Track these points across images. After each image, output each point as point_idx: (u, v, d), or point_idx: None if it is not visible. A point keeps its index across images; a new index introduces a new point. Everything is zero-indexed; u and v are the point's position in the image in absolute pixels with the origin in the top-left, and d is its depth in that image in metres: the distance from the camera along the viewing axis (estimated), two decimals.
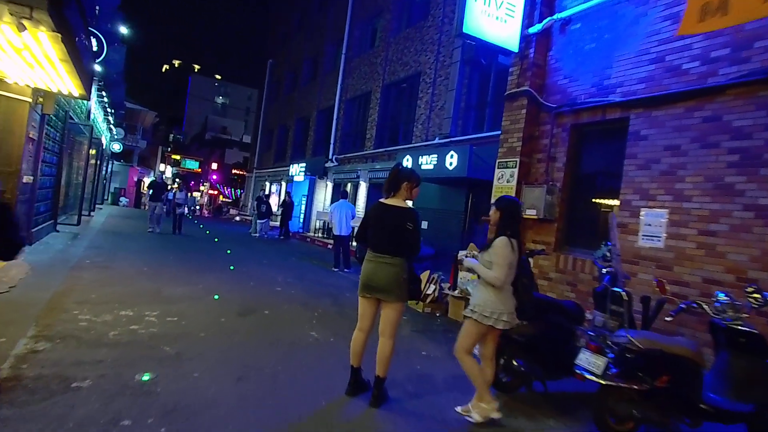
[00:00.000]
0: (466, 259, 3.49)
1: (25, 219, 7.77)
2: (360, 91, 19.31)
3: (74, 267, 6.79)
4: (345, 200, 10.57)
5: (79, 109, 12.67)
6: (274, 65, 32.09)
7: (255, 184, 31.98)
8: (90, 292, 5.35)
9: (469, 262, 3.41)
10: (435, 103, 14.34)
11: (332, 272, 10.00)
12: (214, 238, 14.66)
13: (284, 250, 13.78)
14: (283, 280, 8.06)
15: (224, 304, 5.77)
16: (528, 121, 6.48)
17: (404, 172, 3.52)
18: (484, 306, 3.17)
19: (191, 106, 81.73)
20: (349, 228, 10.31)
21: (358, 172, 18.06)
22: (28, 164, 7.42)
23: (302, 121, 25.67)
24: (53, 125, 9.19)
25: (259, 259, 10.70)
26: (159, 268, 7.69)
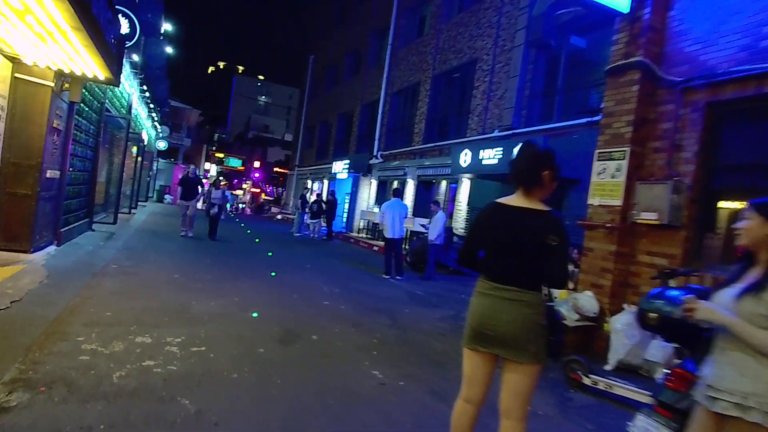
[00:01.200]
0: (706, 307, 1.85)
1: (52, 217, 7.07)
2: (407, 83, 18.14)
3: (97, 273, 5.97)
4: (398, 199, 9.42)
5: (118, 102, 12.14)
6: (315, 61, 31.42)
7: (297, 182, 31.43)
8: (105, 308, 4.44)
9: (720, 314, 1.81)
10: (493, 93, 12.97)
11: (383, 280, 8.89)
12: (255, 238, 13.88)
13: (327, 252, 12.81)
14: (329, 291, 7.01)
15: (263, 324, 4.74)
16: (641, 100, 5.11)
17: (545, 155, 2.30)
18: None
19: (235, 106, 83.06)
20: (402, 230, 9.16)
21: (406, 169, 16.91)
22: (53, 158, 6.69)
23: (345, 117, 24.77)
24: (86, 116, 8.52)
25: (302, 263, 9.73)
26: (192, 274, 6.81)
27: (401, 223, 9.12)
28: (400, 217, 9.12)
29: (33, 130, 6.06)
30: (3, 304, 4.08)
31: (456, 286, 9.26)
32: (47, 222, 6.84)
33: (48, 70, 6.01)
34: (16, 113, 5.91)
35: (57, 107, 6.52)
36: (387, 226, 9.09)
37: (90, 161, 9.38)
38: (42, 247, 6.69)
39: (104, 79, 6.34)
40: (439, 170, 14.90)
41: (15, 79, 5.85)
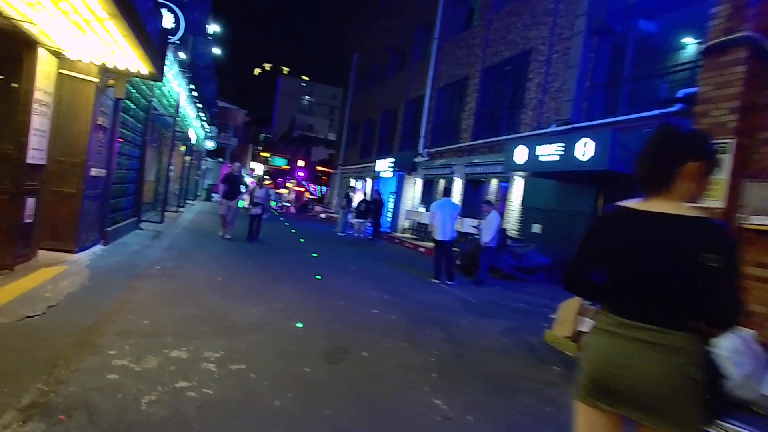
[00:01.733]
0: None
1: (98, 217, 6.98)
2: (454, 77, 17.46)
3: (140, 275, 5.76)
4: (448, 199, 8.83)
5: (166, 101, 12.19)
6: (359, 59, 31.16)
7: (340, 180, 31.32)
8: (143, 315, 4.15)
9: None
10: (550, 85, 12.12)
11: (433, 285, 8.34)
12: (300, 237, 13.65)
13: (373, 253, 12.38)
14: (378, 297, 6.53)
15: (308, 336, 4.32)
16: (748, 82, 4.31)
17: (692, 138, 1.66)
18: None
19: (280, 106, 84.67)
20: (453, 232, 8.56)
21: (453, 167, 16.25)
22: (99, 155, 6.57)
23: (389, 114, 24.33)
24: (133, 114, 8.46)
25: (347, 265, 9.32)
26: (235, 276, 6.52)
27: (452, 224, 8.53)
28: (451, 217, 8.53)
29: (77, 127, 5.93)
30: (39, 309, 3.85)
31: (511, 292, 8.58)
32: (93, 221, 6.74)
33: (92, 66, 5.86)
34: (61, 110, 5.79)
35: (102, 104, 6.39)
36: (437, 228, 8.52)
37: (137, 159, 9.36)
38: (88, 247, 6.59)
39: (147, 74, 6.13)
40: (489, 168, 14.16)
41: (60, 75, 5.71)
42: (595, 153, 8.05)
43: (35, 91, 5.15)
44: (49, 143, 5.66)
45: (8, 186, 5.02)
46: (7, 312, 3.65)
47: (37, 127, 5.31)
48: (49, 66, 5.45)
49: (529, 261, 10.32)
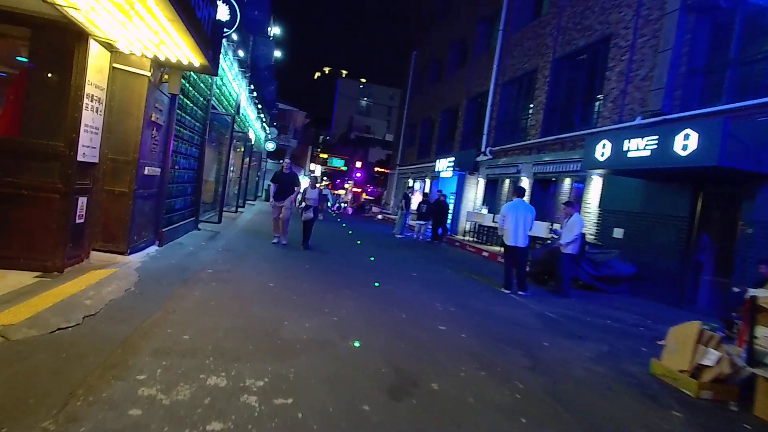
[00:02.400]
0: None
1: (152, 217, 6.78)
2: (521, 70, 16.34)
3: (189, 279, 5.40)
4: (522, 200, 7.92)
5: (226, 101, 12.12)
6: (418, 57, 30.48)
7: (397, 181, 30.79)
8: (185, 328, 3.70)
9: None
10: (634, 73, 10.83)
11: (503, 296, 7.48)
12: (357, 240, 13.17)
13: (433, 257, 11.64)
14: (443, 309, 5.81)
15: (367, 359, 3.69)
16: None
17: None
18: None
19: (338, 108, 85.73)
20: (526, 237, 7.65)
21: (519, 166, 15.17)
22: (153, 154, 6.34)
23: (449, 113, 23.46)
24: (190, 113, 8.28)
25: (407, 271, 8.66)
26: (289, 282, 6.04)
27: (526, 229, 7.62)
28: (525, 221, 7.63)
29: (129, 123, 5.69)
30: (74, 319, 3.50)
31: (593, 306, 7.55)
32: (147, 222, 6.53)
33: (144, 59, 5.59)
34: (113, 106, 5.56)
35: (156, 100, 6.14)
36: (508, 232, 7.65)
37: (195, 159, 9.22)
38: (142, 248, 6.38)
39: (200, 66, 5.79)
40: (561, 166, 13.00)
41: (113, 70, 5.49)
42: (699, 146, 6.86)
43: (86, 85, 4.91)
44: (101, 141, 5.45)
45: (58, 184, 4.80)
46: (40, 322, 3.31)
47: (89, 123, 5.08)
48: (101, 60, 5.22)
49: (612, 270, 9.17)
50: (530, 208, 7.81)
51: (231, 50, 11.83)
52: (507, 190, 16.55)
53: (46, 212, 4.79)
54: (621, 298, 8.81)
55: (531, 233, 7.79)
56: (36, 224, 4.76)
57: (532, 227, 7.62)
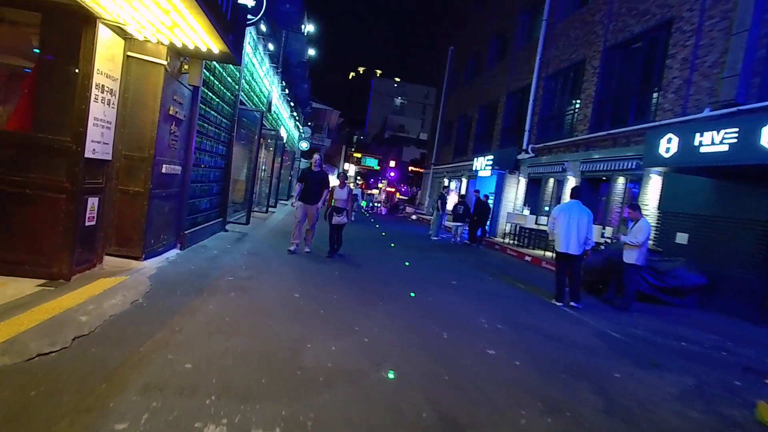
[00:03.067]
0: None
1: (172, 218, 6.34)
2: (567, 62, 15.26)
3: (206, 288, 4.88)
4: (577, 202, 7.05)
5: (257, 98, 11.71)
6: (455, 52, 29.56)
7: (432, 180, 29.97)
8: (188, 355, 3.13)
9: None
10: (700, 60, 9.69)
11: (555, 309, 6.65)
12: (390, 242, 12.52)
13: (472, 261, 10.85)
14: (490, 327, 5.07)
15: (403, 397, 3.01)
16: None
17: None
18: None
19: (373, 107, 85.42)
20: (580, 245, 6.76)
21: (565, 164, 14.13)
22: (172, 150, 5.88)
23: (487, 109, 22.47)
24: (216, 107, 7.83)
25: (446, 278, 7.93)
26: (315, 292, 5.44)
27: (580, 234, 6.74)
28: (579, 225, 6.76)
29: (145, 117, 5.22)
30: (61, 342, 2.99)
31: (660, 323, 6.61)
32: (166, 224, 6.08)
33: (159, 47, 5.11)
34: (128, 98, 5.11)
35: (174, 92, 5.67)
36: (560, 237, 6.80)
37: (222, 157, 8.79)
38: (161, 252, 5.94)
39: (219, 54, 5.26)
40: (612, 164, 11.92)
41: (127, 58, 5.04)
42: None
43: (95, 74, 4.45)
44: (115, 136, 5.00)
45: (65, 183, 4.35)
46: (18, 347, 2.80)
47: (99, 116, 4.62)
48: (113, 48, 4.76)
49: (678, 280, 8.14)
50: (586, 211, 6.93)
51: (261, 45, 11.42)
52: (551, 189, 15.52)
53: (51, 213, 4.35)
54: (689, 312, 7.78)
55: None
56: (41, 226, 4.33)
57: (589, 233, 6.72)
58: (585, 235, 6.73)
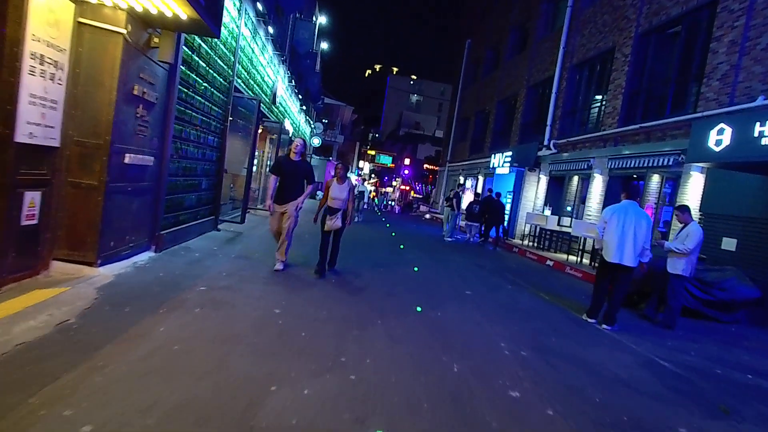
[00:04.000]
0: None
1: (144, 217, 5.52)
2: (594, 50, 14.11)
3: (168, 302, 4.03)
4: (633, 203, 5.84)
5: (258, 86, 10.89)
6: (472, 45, 28.45)
7: (447, 178, 28.94)
8: (96, 409, 2.27)
9: None
10: (751, 42, 8.54)
11: (588, 328, 5.65)
12: (400, 244, 11.59)
13: (489, 266, 9.86)
14: (512, 355, 4.12)
15: None
16: None
17: None
18: None
19: (388, 104, 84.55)
20: (637, 255, 5.62)
21: (591, 160, 13.01)
22: (140, 138, 5.04)
23: (505, 103, 21.36)
24: (203, 93, 7.00)
25: (459, 286, 6.99)
26: (302, 308, 4.56)
27: (637, 242, 5.49)
28: (637, 231, 5.52)
29: (101, 96, 4.39)
30: None
31: (715, 345, 5.57)
32: (134, 223, 5.26)
33: (117, 12, 4.27)
34: (79, 73, 4.29)
35: (141, 69, 4.84)
36: (612, 245, 5.62)
37: (214, 149, 7.97)
38: (125, 256, 5.12)
39: (188, 20, 4.41)
40: (645, 160, 10.80)
41: (78, 26, 4.21)
42: None
43: (29, 40, 3.63)
44: (64, 118, 4.18)
45: None
46: None
47: (39, 93, 3.81)
48: (58, 11, 3.94)
49: (728, 293, 7.05)
50: (644, 214, 5.83)
51: (263, 30, 10.58)
52: (575, 188, 14.41)
53: None
54: (742, 331, 6.71)
55: None
56: None
57: (647, 242, 5.60)
58: (642, 243, 5.62)
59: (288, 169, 5.98)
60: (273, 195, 5.97)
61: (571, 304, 6.81)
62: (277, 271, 5.89)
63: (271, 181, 6.07)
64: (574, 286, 8.80)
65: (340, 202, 6.14)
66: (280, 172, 6.00)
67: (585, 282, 9.45)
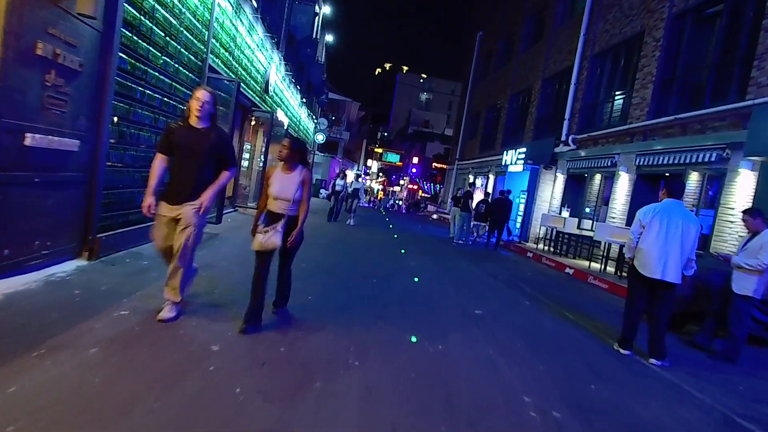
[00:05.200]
0: None
1: (74, 216, 4.37)
2: (619, 36, 12.78)
3: (58, 337, 2.87)
4: (679, 202, 4.63)
5: (243, 70, 9.74)
6: (484, 38, 27.16)
7: (456, 177, 27.68)
8: None
9: None
10: None
11: (628, 363, 4.40)
12: (402, 248, 10.38)
13: (502, 275, 8.61)
14: (542, 419, 2.90)
15: None
16: None
17: None
18: None
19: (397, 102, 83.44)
20: (678, 269, 4.40)
21: (616, 157, 11.71)
22: (55, 114, 3.89)
23: (519, 97, 20.07)
24: (162, 68, 5.84)
25: (467, 304, 5.76)
26: (252, 340, 3.38)
27: (683, 252, 4.33)
28: (684, 237, 4.34)
29: None
30: None
31: None
32: (50, 224, 4.11)
33: None
34: None
35: (52, 23, 3.68)
36: (650, 254, 4.38)
37: None
38: (35, 267, 3.96)
39: None
40: (681, 156, 9.47)
41: None
42: None
43: None
44: None
45: None
46: None
47: None
48: None
49: None
50: (692, 217, 4.58)
51: (249, 6, 9.42)
52: (597, 188, 13.10)
53: None
54: None
55: None
56: None
57: (692, 252, 4.41)
58: (689, 254, 4.39)
59: (185, 142, 3.46)
60: (156, 187, 3.46)
61: (604, 328, 5.57)
62: (162, 322, 3.43)
63: (155, 165, 3.51)
64: (601, 301, 7.54)
65: (284, 204, 3.65)
66: (171, 148, 3.50)
67: (612, 295, 8.20)
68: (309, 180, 3.77)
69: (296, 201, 3.69)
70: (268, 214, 3.71)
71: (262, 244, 3.57)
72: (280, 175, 3.71)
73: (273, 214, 3.69)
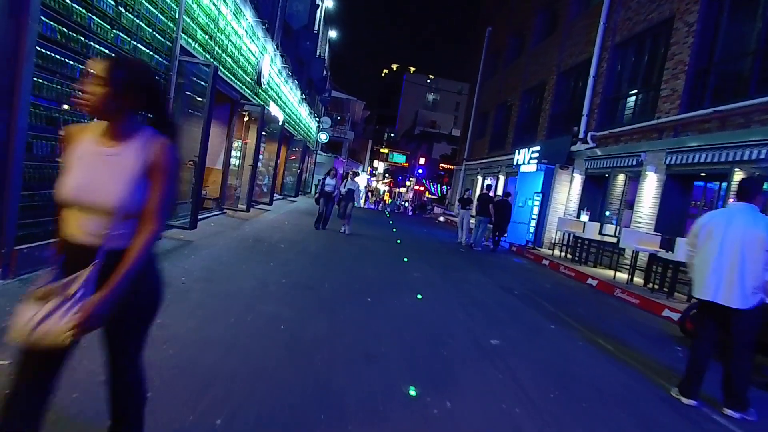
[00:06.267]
0: None
1: None
2: (644, 23, 11.66)
3: None
4: (750, 206, 3.58)
5: (230, 58, 8.77)
6: (493, 33, 26.07)
7: (464, 178, 26.61)
8: None
9: None
10: None
11: (700, 420, 3.32)
12: (404, 255, 9.32)
13: (518, 288, 7.53)
14: None
15: None
16: None
17: None
18: None
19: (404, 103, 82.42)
20: (748, 290, 3.35)
21: (642, 155, 10.58)
22: None
23: (531, 94, 18.98)
24: (112, 43, 4.85)
25: (481, 334, 4.70)
26: (180, 404, 2.37)
27: (749, 268, 3.34)
28: (748, 251, 3.36)
29: None
30: None
31: None
32: None
33: None
34: None
35: None
36: (705, 271, 3.38)
37: None
38: None
39: None
40: (720, 154, 8.36)
41: None
42: None
43: None
44: None
45: None
46: None
47: None
48: None
49: None
50: (760, 222, 3.52)
51: None
52: (620, 189, 11.97)
53: None
54: None
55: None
56: None
57: (760, 271, 3.35)
58: (761, 272, 3.36)
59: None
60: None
61: (650, 363, 4.49)
62: None
63: None
64: (637, 322, 6.45)
65: (95, 223, 1.51)
66: None
67: (645, 312, 7.12)
68: (167, 163, 1.56)
69: (128, 214, 1.52)
70: (65, 250, 1.55)
71: (32, 332, 1.42)
72: (91, 151, 1.55)
73: (72, 249, 1.54)
